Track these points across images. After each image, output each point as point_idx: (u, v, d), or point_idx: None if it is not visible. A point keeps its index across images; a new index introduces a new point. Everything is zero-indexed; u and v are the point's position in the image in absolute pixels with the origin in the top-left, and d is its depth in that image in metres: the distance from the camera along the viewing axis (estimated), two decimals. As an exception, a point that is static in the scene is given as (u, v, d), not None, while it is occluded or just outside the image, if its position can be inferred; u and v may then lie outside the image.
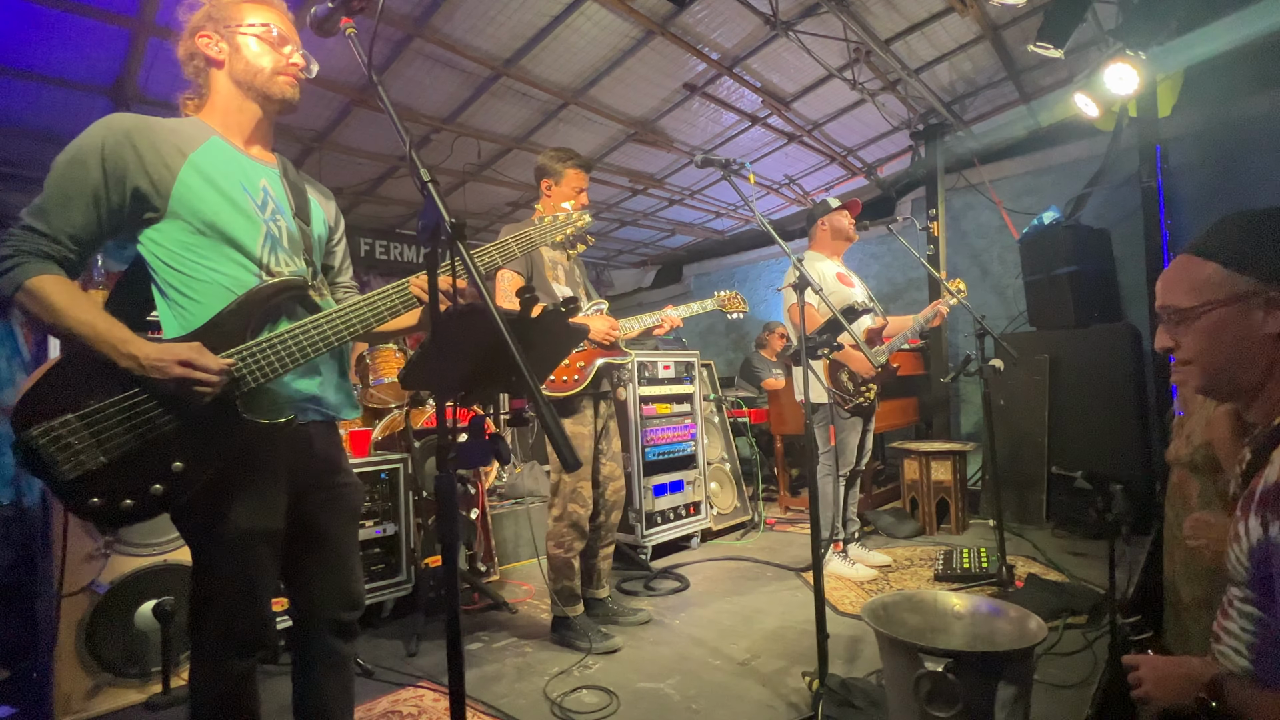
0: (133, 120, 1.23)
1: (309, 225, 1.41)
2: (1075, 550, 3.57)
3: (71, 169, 1.16)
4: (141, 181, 1.20)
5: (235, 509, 1.24)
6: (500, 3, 3.39)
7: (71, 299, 1.12)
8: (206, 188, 1.25)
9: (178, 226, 1.23)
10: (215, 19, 1.31)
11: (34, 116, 3.90)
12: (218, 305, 1.23)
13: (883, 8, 3.83)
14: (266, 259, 1.30)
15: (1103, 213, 4.81)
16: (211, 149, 1.29)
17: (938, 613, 1.60)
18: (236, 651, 1.29)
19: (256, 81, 1.32)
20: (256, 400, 1.24)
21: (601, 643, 2.51)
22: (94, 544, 2.22)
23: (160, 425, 1.17)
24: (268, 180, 1.36)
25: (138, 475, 1.16)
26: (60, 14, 3.04)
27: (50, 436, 1.11)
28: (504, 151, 5.05)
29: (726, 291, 3.01)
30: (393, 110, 0.98)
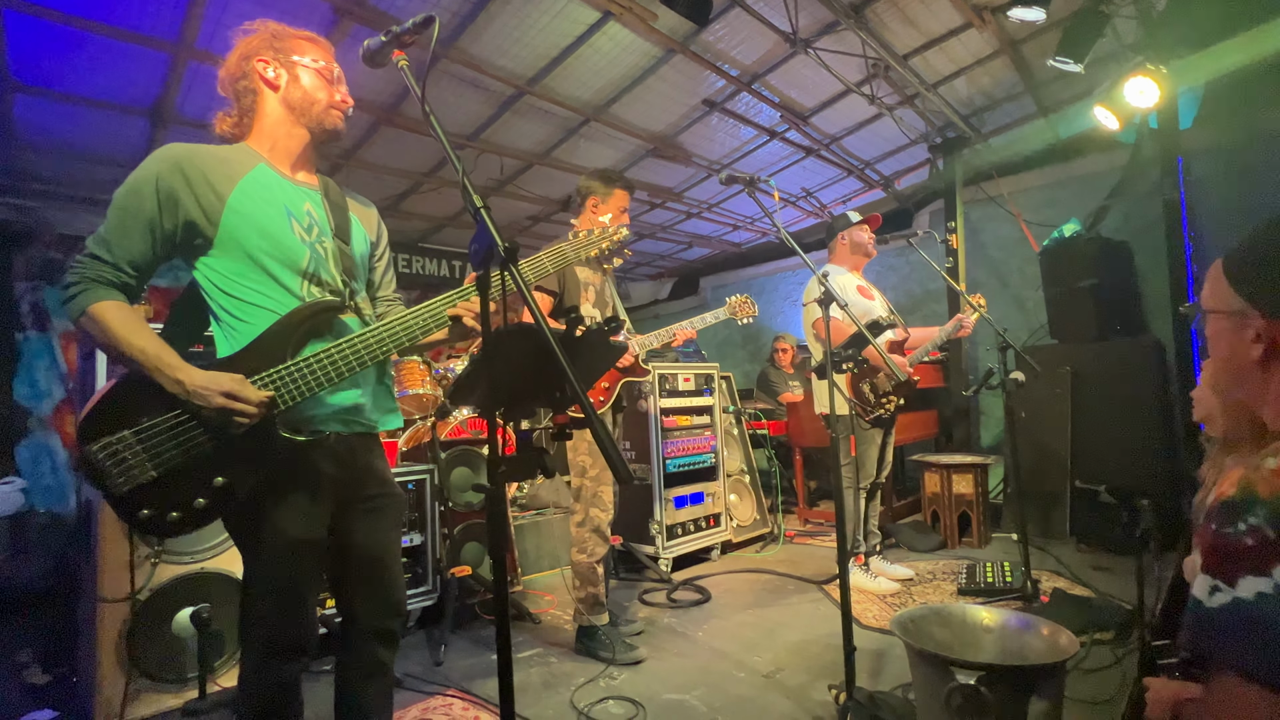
0: (185, 151, 1.29)
1: (349, 245, 1.46)
2: (1100, 565, 3.54)
3: (129, 199, 1.24)
4: (192, 208, 1.27)
5: (278, 519, 1.30)
6: (525, 25, 3.47)
7: (129, 325, 1.21)
8: (254, 215, 1.31)
9: (228, 254, 1.30)
10: (275, 48, 1.38)
11: (75, 136, 4.04)
12: (261, 325, 1.29)
13: (900, 24, 3.86)
14: (310, 280, 1.36)
15: (1124, 225, 4.79)
16: (259, 176, 1.35)
17: (966, 626, 1.60)
18: (281, 656, 1.34)
19: (313, 111, 1.40)
20: (295, 417, 1.30)
21: (626, 654, 2.53)
22: (136, 552, 2.28)
23: (204, 443, 1.24)
24: (311, 203, 1.42)
25: (183, 489, 1.23)
26: (102, 38, 3.16)
27: (108, 451, 1.19)
28: (525, 167, 5.13)
29: (736, 297, 3.05)
30: (446, 140, 1.03)
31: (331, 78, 1.42)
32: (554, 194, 5.73)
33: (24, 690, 2.54)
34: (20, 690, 2.54)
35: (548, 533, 3.98)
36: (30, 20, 2.98)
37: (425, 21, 1.10)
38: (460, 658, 2.68)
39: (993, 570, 3.23)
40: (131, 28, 3.12)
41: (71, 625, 2.73)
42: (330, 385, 1.30)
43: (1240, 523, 0.78)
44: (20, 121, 3.82)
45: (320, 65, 1.41)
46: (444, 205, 5.84)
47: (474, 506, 3.31)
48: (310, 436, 1.32)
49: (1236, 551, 0.78)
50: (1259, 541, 0.77)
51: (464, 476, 3.35)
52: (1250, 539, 0.77)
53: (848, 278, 3.38)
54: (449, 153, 1.01)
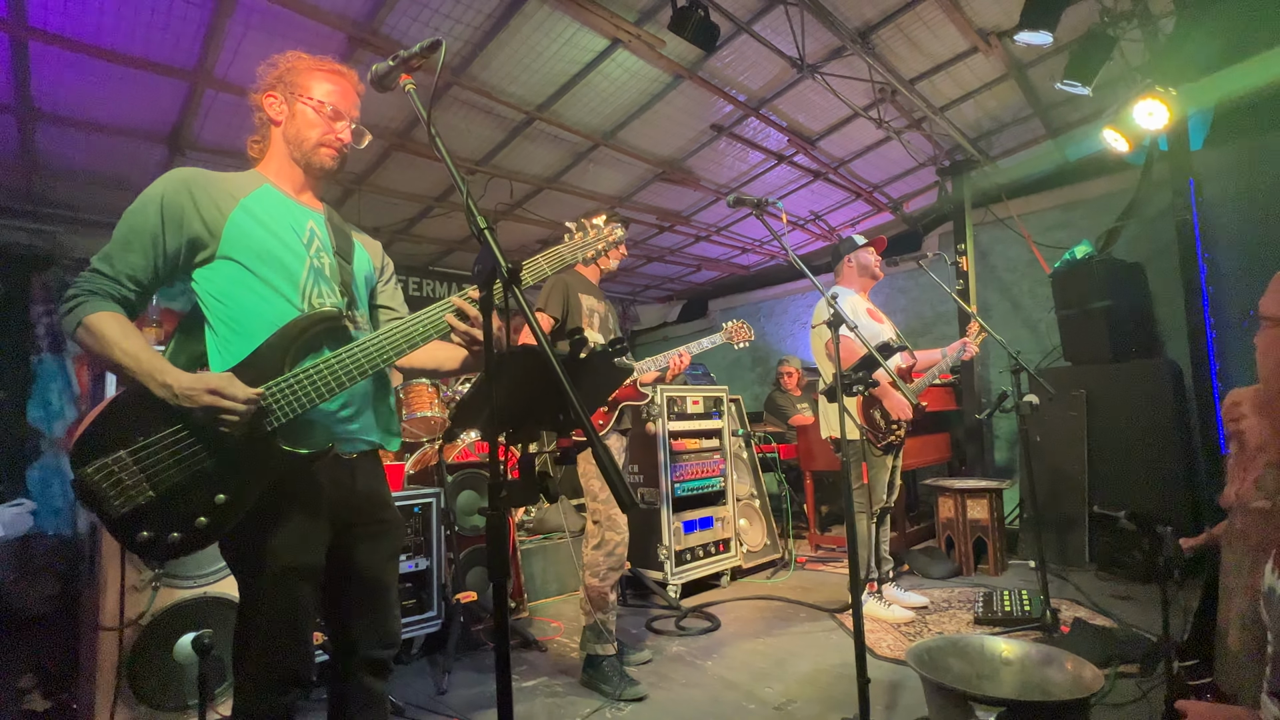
0: (191, 172, 1.34)
1: (350, 263, 1.48)
2: (1121, 594, 3.44)
3: (133, 216, 1.28)
4: (195, 223, 1.30)
5: (277, 546, 1.28)
6: (535, 52, 3.52)
7: (122, 333, 1.20)
8: (255, 226, 1.34)
9: (228, 264, 1.31)
10: (285, 83, 1.43)
11: (93, 163, 4.12)
12: (260, 338, 1.28)
13: (907, 49, 3.90)
14: (309, 292, 1.36)
15: (1136, 246, 4.75)
16: (263, 194, 1.40)
17: (985, 659, 1.55)
18: (277, 688, 1.30)
19: (303, 148, 1.43)
20: (295, 432, 1.28)
21: (628, 690, 2.46)
22: (138, 576, 2.26)
23: (203, 459, 1.21)
24: (314, 222, 1.45)
25: (184, 509, 1.20)
26: (122, 68, 3.24)
27: (104, 473, 1.16)
28: (535, 191, 5.18)
29: (733, 323, 3.03)
30: (451, 162, 1.03)
31: (326, 114, 1.43)
32: (563, 217, 5.75)
33: (24, 717, 2.51)
34: (20, 717, 2.51)
35: (554, 557, 3.93)
36: (54, 51, 3.06)
37: (432, 46, 1.11)
38: (464, 686, 2.63)
39: (1010, 599, 3.14)
40: (151, 57, 3.19)
41: (74, 650, 2.71)
42: (330, 396, 1.28)
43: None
44: (42, 149, 3.90)
45: (316, 102, 1.42)
46: (454, 229, 5.89)
47: (480, 531, 3.28)
48: (311, 449, 1.28)
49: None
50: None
51: (470, 500, 3.33)
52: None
53: (856, 300, 3.36)
54: (453, 174, 1.01)
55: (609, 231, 1.56)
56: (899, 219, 6.27)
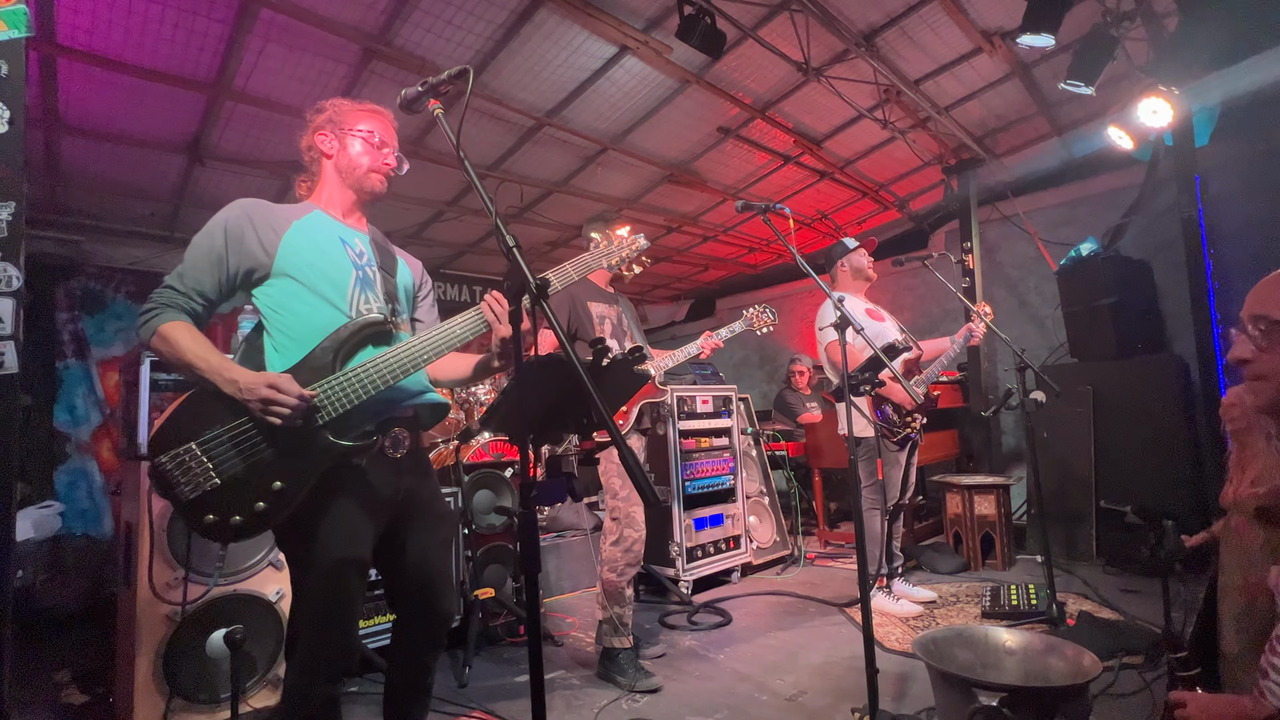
0: (251, 202, 1.51)
1: (393, 276, 1.63)
2: (1128, 588, 3.49)
3: (202, 240, 1.44)
4: (253, 244, 1.45)
5: (326, 541, 1.39)
6: (544, 60, 3.59)
7: (193, 340, 1.37)
8: (306, 244, 1.49)
9: (283, 279, 1.46)
10: (334, 121, 1.59)
11: (116, 173, 4.23)
12: (312, 343, 1.42)
13: (912, 51, 3.94)
14: (355, 300, 1.51)
15: (1142, 242, 4.78)
16: (314, 218, 1.56)
17: (989, 648, 1.61)
18: (323, 675, 1.41)
19: (355, 174, 1.59)
20: (344, 425, 1.40)
21: (643, 681, 2.53)
22: (171, 574, 2.36)
23: (263, 450, 1.35)
24: (360, 240, 1.62)
25: (245, 495, 1.34)
26: (144, 82, 3.33)
27: (176, 462, 1.30)
28: (544, 195, 5.26)
29: (754, 308, 3.08)
30: (479, 182, 1.10)
31: (375, 143, 1.59)
32: (572, 220, 5.84)
33: (62, 710, 2.61)
34: (58, 710, 2.61)
35: (569, 555, 4.01)
36: (80, 67, 3.16)
37: (460, 74, 1.18)
38: (483, 679, 2.71)
39: (1017, 593, 3.20)
40: (173, 71, 3.28)
41: (108, 646, 2.81)
42: (373, 393, 1.40)
43: None
44: (67, 160, 4.01)
45: (365, 132, 1.58)
46: (466, 232, 5.98)
47: (496, 529, 3.36)
48: (356, 441, 1.39)
49: None
50: None
51: (486, 499, 3.41)
52: None
53: (854, 301, 3.42)
54: (484, 199, 1.08)
55: (631, 240, 1.69)
56: (906, 217, 6.31)
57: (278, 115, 3.75)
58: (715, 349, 2.82)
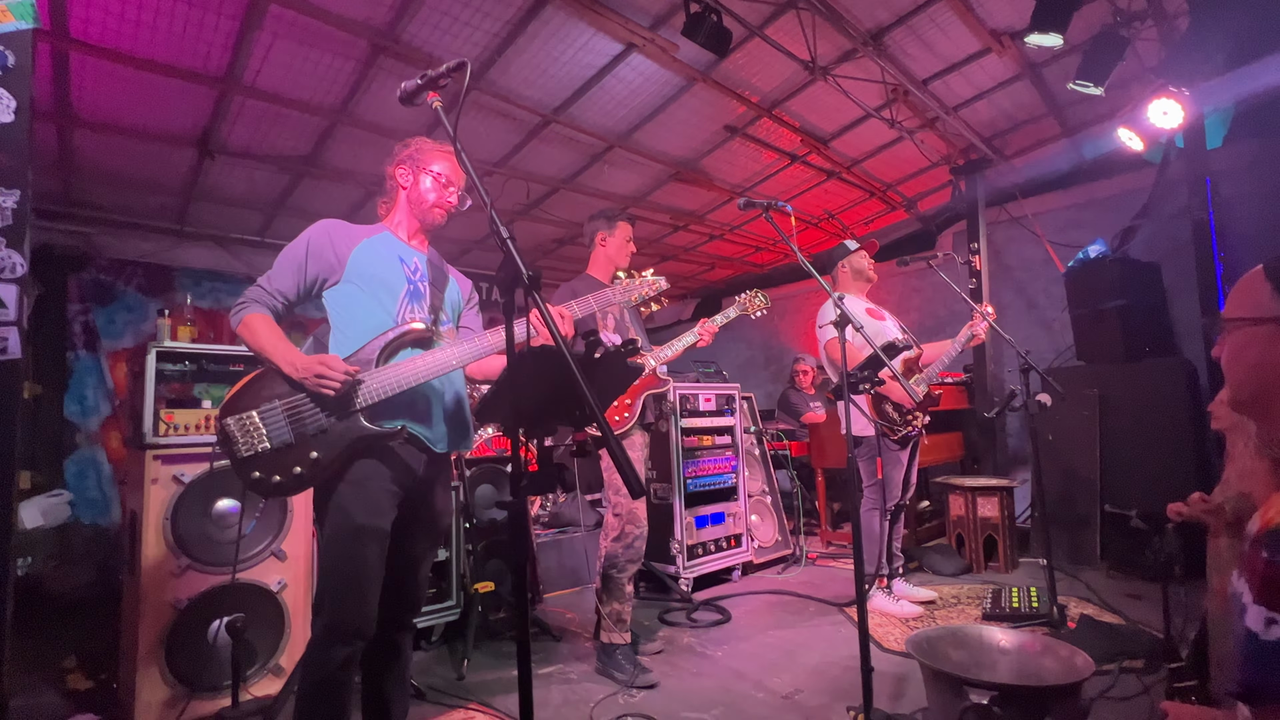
0: (334, 222, 1.77)
1: (442, 292, 1.86)
2: (1132, 592, 3.47)
3: (288, 252, 1.70)
4: (329, 256, 1.71)
5: (351, 508, 1.57)
6: (551, 57, 3.60)
7: (269, 331, 1.61)
8: (370, 258, 1.74)
9: (349, 286, 1.70)
10: (413, 159, 1.82)
11: (127, 166, 4.28)
12: (363, 340, 1.65)
13: (920, 50, 3.92)
14: (403, 309, 1.74)
15: (1152, 245, 4.73)
16: (382, 237, 1.81)
17: (983, 648, 1.61)
18: (339, 638, 1.54)
19: (422, 206, 1.82)
20: (377, 414, 1.60)
21: (640, 677, 2.54)
22: (175, 563, 2.39)
23: (308, 425, 1.56)
24: (419, 260, 1.85)
25: (288, 460, 1.55)
26: (156, 77, 3.37)
27: (240, 424, 1.53)
28: (551, 192, 5.27)
29: (746, 293, 3.08)
30: (475, 174, 1.11)
31: (442, 183, 1.81)
32: (578, 218, 5.84)
33: (68, 696, 2.65)
34: (64, 696, 2.65)
35: (569, 550, 4.02)
36: (93, 61, 3.20)
37: (458, 66, 1.19)
38: (482, 672, 2.73)
39: (1018, 595, 3.18)
40: (184, 65, 3.32)
41: (114, 633, 2.84)
42: (406, 387, 1.60)
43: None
44: (79, 154, 4.06)
45: (435, 173, 1.80)
46: (472, 229, 6.00)
47: (498, 523, 3.38)
48: (384, 426, 1.59)
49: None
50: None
51: (488, 494, 3.43)
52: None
53: (855, 302, 3.41)
54: (477, 186, 1.09)
55: (654, 282, 1.99)
56: (913, 218, 6.28)
57: (286, 110, 3.78)
58: (712, 334, 2.81)
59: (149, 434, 2.34)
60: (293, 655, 2.58)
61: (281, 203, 5.03)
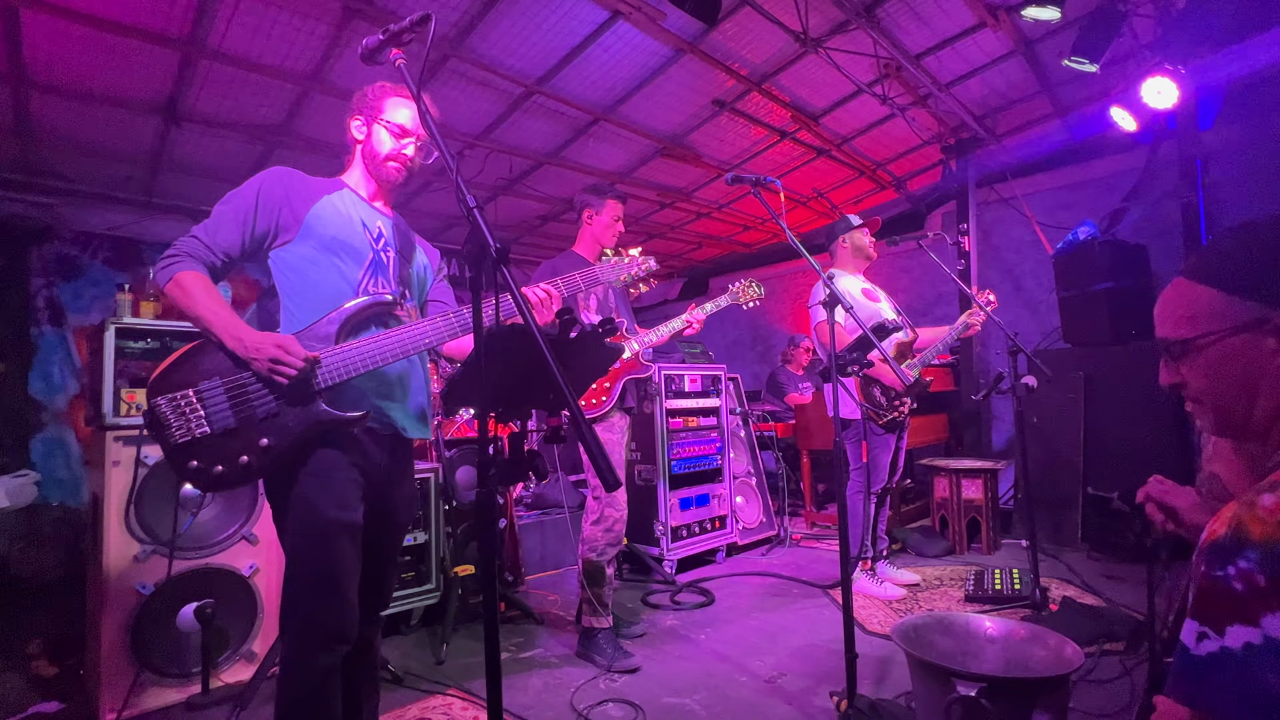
0: (289, 170, 1.58)
1: (409, 263, 1.70)
2: (1112, 574, 3.49)
3: (233, 199, 1.50)
4: (284, 210, 1.52)
5: (320, 503, 1.41)
6: (534, 24, 3.46)
7: (206, 292, 1.41)
8: (332, 217, 1.55)
9: (304, 245, 1.52)
10: (368, 108, 1.64)
11: (90, 134, 4.08)
12: (320, 312, 1.47)
13: (913, 23, 3.82)
14: (366, 280, 1.56)
15: (1140, 227, 4.71)
16: (344, 195, 1.62)
17: (970, 635, 1.58)
18: (320, 644, 1.39)
19: (375, 160, 1.64)
20: (338, 398, 1.45)
21: (621, 661, 2.51)
22: (140, 547, 2.30)
23: (256, 407, 1.38)
24: (383, 224, 1.67)
25: (232, 447, 1.37)
26: (115, 37, 3.19)
27: (172, 405, 1.34)
28: (535, 166, 5.13)
29: (740, 283, 3.01)
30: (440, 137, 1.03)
31: (399, 134, 1.62)
32: (564, 194, 5.72)
33: (32, 682, 2.57)
34: (29, 682, 2.57)
35: (552, 532, 3.98)
36: (45, 19, 3.02)
37: (422, 20, 1.10)
38: (462, 656, 2.68)
39: (1001, 577, 3.19)
40: (143, 25, 3.14)
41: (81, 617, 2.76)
42: (369, 368, 1.44)
43: (1230, 565, 0.71)
44: (37, 119, 3.86)
45: (393, 124, 1.61)
46: (452, 204, 5.84)
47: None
48: (348, 412, 1.43)
49: (1225, 597, 0.71)
50: (1248, 587, 0.69)
51: (468, 476, 3.36)
52: (1239, 584, 0.70)
53: (852, 280, 3.35)
54: (441, 149, 1.00)
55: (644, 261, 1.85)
56: (903, 197, 6.21)
57: (255, 76, 3.61)
58: (701, 323, 2.75)
59: (109, 414, 2.24)
60: (265, 640, 2.52)
61: (254, 174, 4.84)
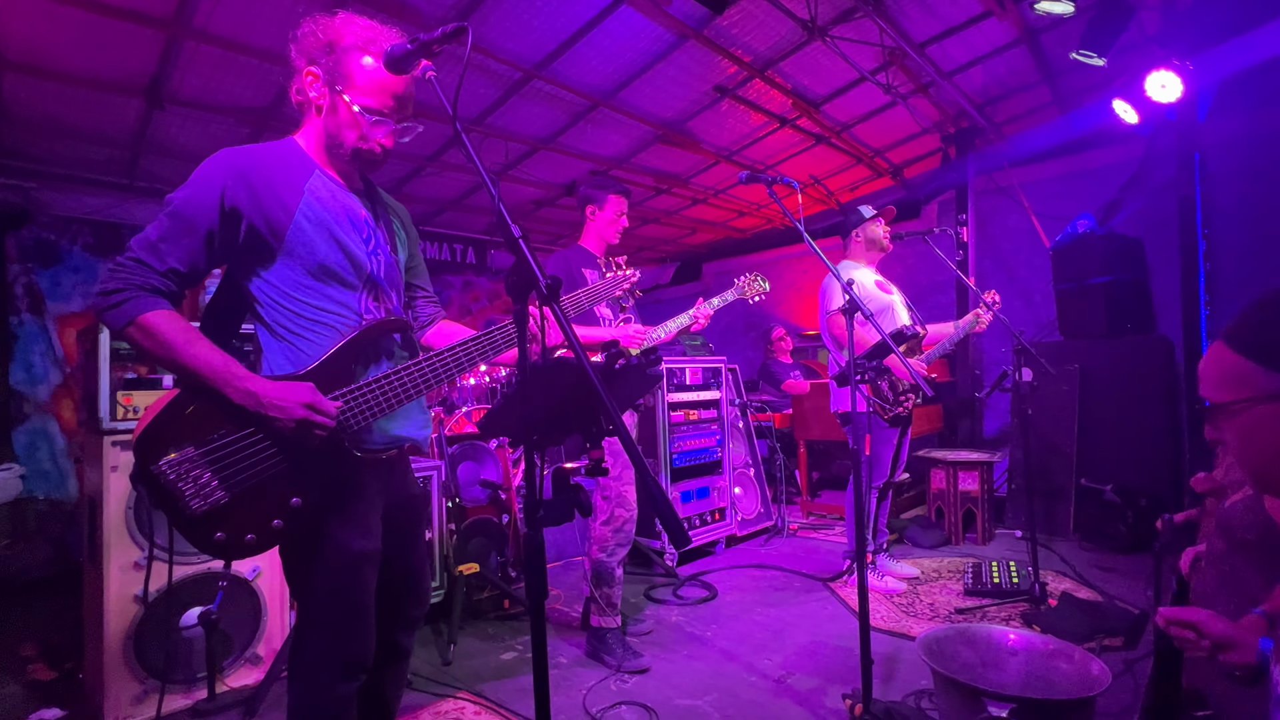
0: (246, 159, 1.22)
1: (398, 255, 1.44)
2: (1105, 565, 3.56)
3: (187, 208, 1.17)
4: (257, 221, 1.21)
5: (344, 536, 1.28)
6: (535, 8, 3.35)
7: (186, 335, 1.15)
8: (320, 230, 1.26)
9: (290, 266, 1.25)
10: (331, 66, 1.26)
11: (68, 115, 3.92)
12: (328, 344, 1.25)
13: (920, 11, 3.76)
14: (369, 294, 1.34)
15: (1136, 218, 4.74)
16: (318, 186, 1.29)
17: (992, 647, 1.59)
18: (343, 673, 1.30)
19: (342, 147, 1.30)
20: (363, 436, 1.29)
21: (631, 661, 2.51)
22: (141, 552, 2.25)
23: (277, 463, 1.19)
24: (366, 213, 1.37)
25: (259, 511, 1.19)
26: (95, 17, 3.04)
27: (178, 471, 1.12)
28: (530, 152, 5.02)
29: (745, 276, 2.98)
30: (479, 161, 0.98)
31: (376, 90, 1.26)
32: (559, 179, 5.63)
33: (30, 687, 2.52)
34: (26, 687, 2.52)
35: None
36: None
37: (456, 31, 1.04)
38: (469, 657, 2.67)
39: (999, 570, 3.23)
40: (127, 5, 3.00)
41: (75, 618, 2.70)
42: (398, 406, 1.28)
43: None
44: (11, 99, 3.69)
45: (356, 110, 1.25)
46: (445, 188, 5.73)
47: (480, 502, 3.29)
48: (375, 449, 1.31)
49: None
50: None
51: (470, 472, 3.33)
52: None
53: (865, 272, 3.33)
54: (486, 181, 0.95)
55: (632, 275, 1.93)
56: (899, 185, 6.19)
57: (243, 58, 3.47)
58: (708, 318, 2.72)
59: (105, 419, 2.17)
60: (270, 644, 2.49)
61: (240, 157, 4.70)
